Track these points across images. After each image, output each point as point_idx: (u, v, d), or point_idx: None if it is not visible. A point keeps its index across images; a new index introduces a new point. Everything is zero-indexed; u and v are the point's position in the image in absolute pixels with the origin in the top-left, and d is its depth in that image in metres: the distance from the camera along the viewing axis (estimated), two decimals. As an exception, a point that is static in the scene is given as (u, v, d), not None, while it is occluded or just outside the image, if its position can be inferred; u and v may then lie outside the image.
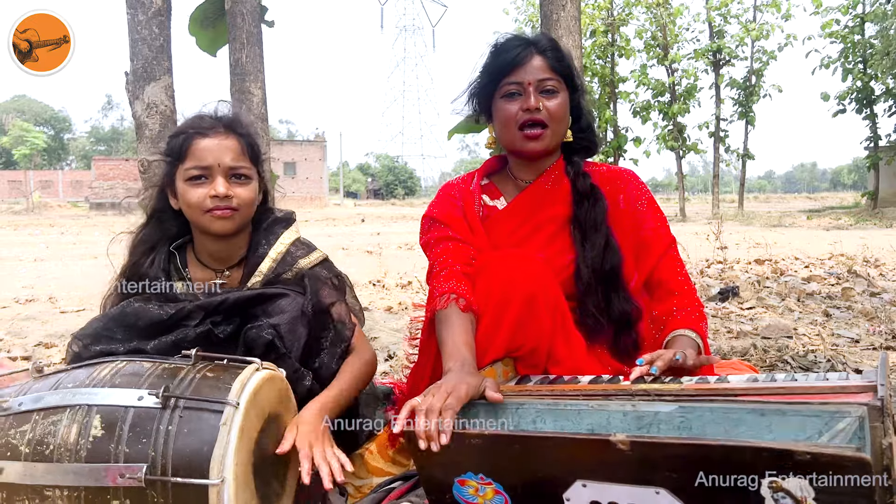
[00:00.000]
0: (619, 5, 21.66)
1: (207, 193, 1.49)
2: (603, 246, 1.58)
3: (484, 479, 1.17)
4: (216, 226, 1.51)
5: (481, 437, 1.14)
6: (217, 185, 1.49)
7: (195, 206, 1.50)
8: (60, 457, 1.10)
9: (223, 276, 1.60)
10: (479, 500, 1.19)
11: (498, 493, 1.18)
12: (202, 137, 1.51)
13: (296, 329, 1.40)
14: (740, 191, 27.12)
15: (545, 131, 1.59)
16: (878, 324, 3.43)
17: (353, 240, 12.81)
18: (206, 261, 1.61)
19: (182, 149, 1.51)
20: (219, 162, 1.50)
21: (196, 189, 1.49)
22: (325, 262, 1.65)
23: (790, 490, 0.96)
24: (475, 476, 1.18)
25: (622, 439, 1.03)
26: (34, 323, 4.13)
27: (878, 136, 22.74)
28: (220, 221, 1.51)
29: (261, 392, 1.20)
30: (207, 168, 1.49)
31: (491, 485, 1.17)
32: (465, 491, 1.20)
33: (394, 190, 63.53)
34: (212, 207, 1.49)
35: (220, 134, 1.52)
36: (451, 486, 1.21)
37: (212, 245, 1.59)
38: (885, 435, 0.94)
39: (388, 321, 3.90)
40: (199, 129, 1.52)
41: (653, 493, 1.04)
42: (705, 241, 7.43)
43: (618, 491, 1.07)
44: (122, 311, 1.43)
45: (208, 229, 1.52)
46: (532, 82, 1.57)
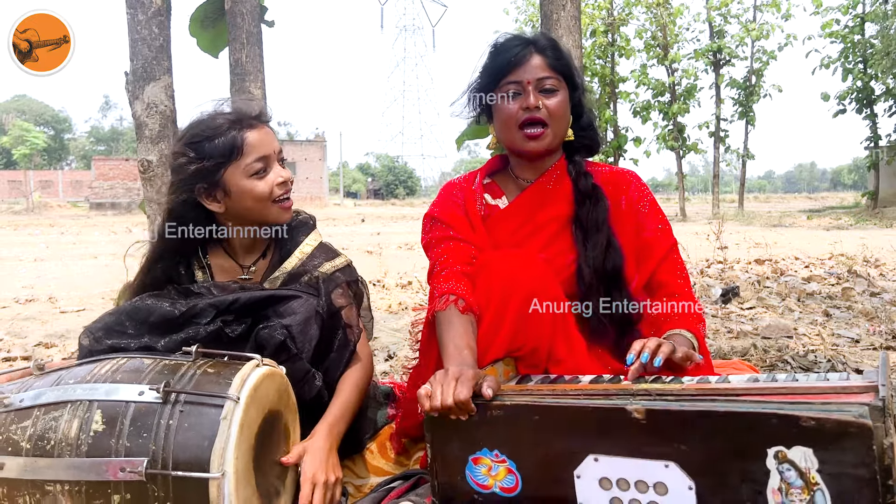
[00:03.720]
0: (619, 5, 21.67)
1: (274, 182, 1.52)
2: (605, 246, 1.58)
3: (498, 455, 1.20)
4: (285, 216, 1.57)
5: (503, 408, 1.18)
6: (281, 172, 1.53)
7: (265, 197, 1.51)
8: (61, 452, 1.11)
9: (249, 271, 1.62)
10: (491, 480, 1.21)
11: (510, 473, 1.20)
12: (251, 129, 1.51)
13: (308, 330, 1.40)
14: (740, 191, 27.11)
15: (545, 130, 1.59)
16: (878, 324, 3.43)
17: (353, 240, 12.81)
18: (238, 254, 1.63)
19: (236, 145, 1.49)
20: (274, 149, 1.54)
21: (262, 181, 1.51)
22: (347, 268, 1.67)
23: (795, 461, 1.00)
24: (490, 453, 1.20)
25: (637, 408, 1.09)
26: (34, 323, 4.14)
27: (878, 136, 22.73)
28: (287, 212, 1.57)
29: (261, 388, 1.21)
30: (268, 158, 1.52)
31: (504, 463, 1.20)
32: (477, 471, 1.22)
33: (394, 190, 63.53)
34: (282, 194, 1.53)
35: (262, 125, 1.55)
36: (465, 466, 1.22)
37: (248, 240, 1.61)
38: (886, 435, 0.95)
39: (388, 321, 3.90)
40: (247, 122, 1.52)
41: (662, 466, 1.08)
42: (705, 241, 7.43)
43: (628, 465, 1.11)
44: (134, 306, 1.43)
45: (277, 220, 1.56)
46: (531, 81, 1.57)
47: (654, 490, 1.09)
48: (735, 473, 1.04)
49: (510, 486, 1.20)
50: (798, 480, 1.00)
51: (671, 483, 1.08)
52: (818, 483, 0.98)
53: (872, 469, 0.95)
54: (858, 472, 0.96)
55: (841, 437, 0.96)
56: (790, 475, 1.00)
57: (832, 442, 0.97)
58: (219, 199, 1.52)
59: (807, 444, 0.98)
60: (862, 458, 0.95)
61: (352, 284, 1.65)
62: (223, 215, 1.56)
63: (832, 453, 0.97)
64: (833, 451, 0.97)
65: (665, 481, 1.08)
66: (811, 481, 0.99)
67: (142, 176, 2.79)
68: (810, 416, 0.98)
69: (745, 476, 1.03)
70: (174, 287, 1.52)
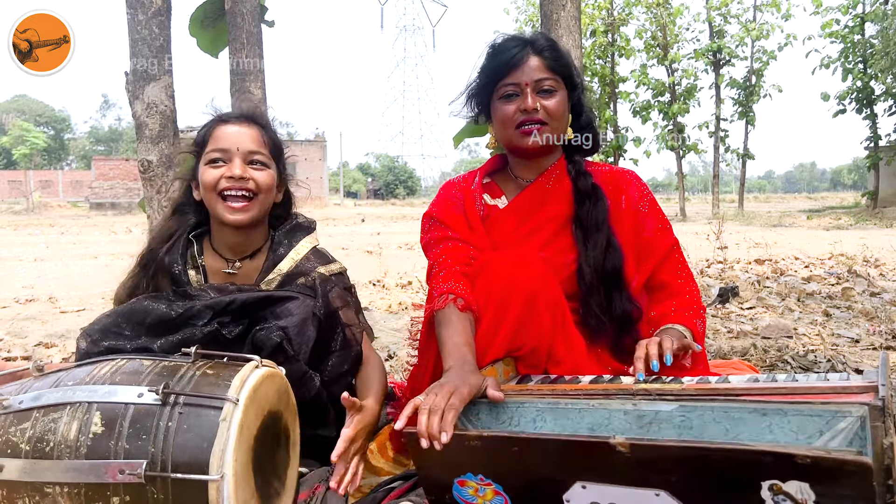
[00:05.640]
0: (619, 5, 21.68)
1: (223, 174, 1.52)
2: (605, 245, 1.58)
3: (483, 479, 1.17)
4: (228, 216, 1.53)
5: (480, 439, 1.14)
6: (234, 167, 1.51)
7: (210, 186, 1.52)
8: (60, 454, 1.10)
9: (234, 266, 1.62)
10: (479, 500, 1.19)
11: (498, 494, 1.17)
12: (224, 124, 1.57)
13: (304, 331, 1.40)
14: (740, 191, 27.12)
15: (544, 128, 1.59)
16: (878, 324, 3.43)
17: (353, 240, 12.81)
18: (222, 251, 1.64)
19: (205, 136, 1.56)
20: (237, 146, 1.53)
21: (213, 170, 1.53)
22: (342, 275, 1.68)
23: (791, 493, 0.96)
24: (475, 477, 1.18)
25: (621, 441, 1.03)
26: (34, 323, 4.14)
27: (878, 135, 22.74)
28: (235, 214, 1.53)
29: (260, 389, 1.20)
30: (226, 151, 1.53)
31: (490, 486, 1.17)
32: (464, 492, 1.20)
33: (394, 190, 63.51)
34: (227, 187, 1.51)
35: (242, 122, 1.57)
36: (451, 487, 1.21)
37: (230, 237, 1.61)
38: (886, 435, 0.94)
39: (388, 321, 3.90)
40: (221, 117, 1.58)
41: (652, 495, 1.04)
42: (705, 241, 7.44)
43: (617, 492, 1.07)
44: (131, 307, 1.43)
45: (223, 219, 1.54)
46: (529, 83, 1.57)
47: None
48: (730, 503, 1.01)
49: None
50: (795, 512, 0.96)
51: None
52: (816, 514, 0.95)
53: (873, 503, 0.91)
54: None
55: (838, 475, 0.92)
56: None
57: (829, 478, 0.93)
58: (198, 188, 1.60)
59: (802, 479, 0.95)
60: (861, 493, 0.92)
61: (345, 290, 1.66)
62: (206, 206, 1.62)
63: (829, 487, 0.94)
64: (830, 485, 0.93)
65: None
66: (808, 513, 0.96)
67: (142, 176, 2.79)
68: (806, 455, 0.93)
69: None
70: (173, 290, 1.52)
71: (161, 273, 1.59)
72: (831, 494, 0.94)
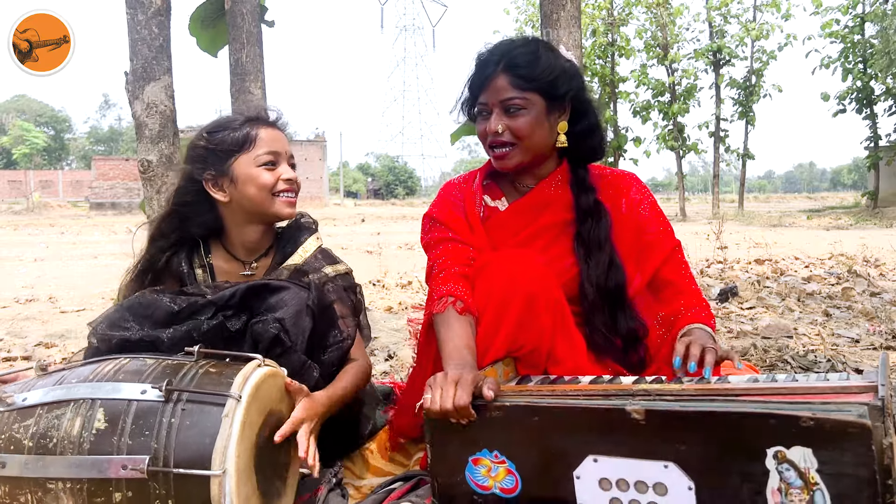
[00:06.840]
0: (619, 5, 21.66)
1: (280, 176, 1.60)
2: (607, 264, 1.57)
3: (498, 457, 1.20)
4: (287, 210, 1.62)
5: (502, 409, 1.19)
6: (288, 170, 1.63)
7: (268, 187, 1.58)
8: (63, 450, 1.11)
9: (251, 267, 1.66)
10: (491, 481, 1.21)
11: (510, 474, 1.20)
12: (269, 128, 1.63)
13: (300, 322, 1.41)
14: (740, 191, 27.11)
15: (512, 150, 1.56)
16: (878, 324, 3.43)
17: (353, 240, 12.81)
18: (237, 251, 1.67)
19: (249, 137, 1.59)
20: (284, 150, 1.63)
21: (269, 172, 1.59)
22: (348, 276, 1.71)
23: (794, 461, 1.00)
24: (490, 454, 1.21)
25: (637, 408, 1.09)
26: (34, 323, 4.14)
27: (878, 135, 22.74)
28: (292, 208, 1.64)
29: (262, 387, 1.21)
30: (277, 154, 1.61)
31: (504, 464, 1.20)
32: (477, 472, 1.22)
33: (394, 190, 63.53)
34: (284, 189, 1.60)
35: (279, 128, 1.66)
36: (465, 468, 1.23)
37: (252, 234, 1.65)
38: (885, 435, 0.95)
39: (388, 321, 3.90)
40: (263, 121, 1.64)
41: (661, 466, 1.08)
42: (705, 240, 7.44)
43: (627, 466, 1.11)
44: (136, 301, 1.45)
45: (278, 213, 1.62)
46: (496, 104, 1.55)
47: (653, 490, 1.09)
48: (735, 474, 1.04)
49: (510, 486, 1.20)
50: (797, 480, 1.00)
51: (671, 483, 1.08)
52: (817, 483, 0.99)
53: (872, 469, 0.95)
54: (858, 472, 0.96)
55: (840, 437, 0.96)
56: (789, 475, 1.00)
57: (831, 442, 0.97)
58: (224, 188, 1.60)
59: (806, 444, 0.99)
60: (861, 458, 0.95)
61: (349, 292, 1.68)
62: (226, 207, 1.61)
63: (831, 453, 0.98)
64: (832, 451, 0.97)
65: (664, 482, 1.08)
66: (810, 481, 0.99)
67: (142, 176, 2.79)
68: (809, 416, 0.98)
69: (744, 476, 1.03)
70: (179, 289, 1.53)
71: (167, 274, 1.61)
72: (833, 462, 0.98)
